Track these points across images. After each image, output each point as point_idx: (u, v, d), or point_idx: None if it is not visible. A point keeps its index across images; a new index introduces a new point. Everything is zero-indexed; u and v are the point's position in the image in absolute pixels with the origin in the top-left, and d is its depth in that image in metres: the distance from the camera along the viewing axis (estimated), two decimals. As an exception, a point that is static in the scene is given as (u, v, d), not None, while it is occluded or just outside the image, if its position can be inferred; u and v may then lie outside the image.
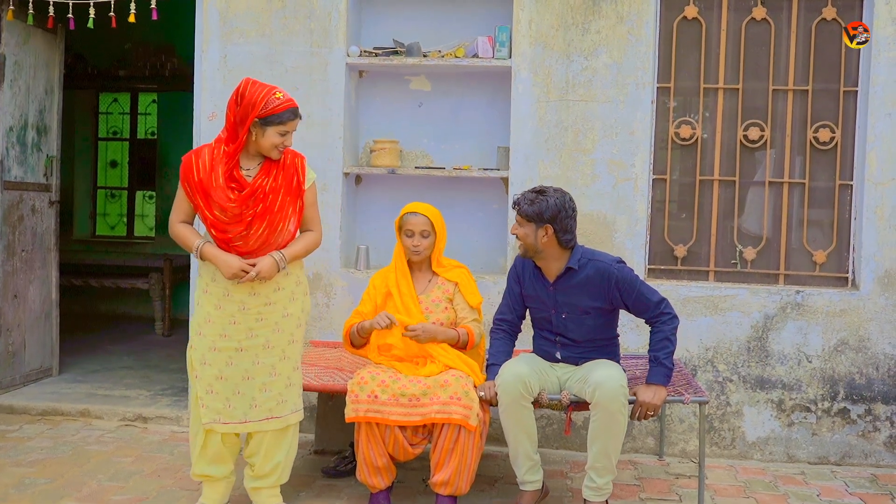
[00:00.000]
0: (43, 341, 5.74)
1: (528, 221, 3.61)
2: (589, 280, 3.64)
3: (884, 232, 4.52)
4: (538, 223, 3.58)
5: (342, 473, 4.17)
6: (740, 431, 4.62)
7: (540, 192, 3.64)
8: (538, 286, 3.76)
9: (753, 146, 4.72)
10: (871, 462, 4.54)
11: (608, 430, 3.47)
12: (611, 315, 3.77)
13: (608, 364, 3.64)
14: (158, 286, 7.51)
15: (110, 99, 9.29)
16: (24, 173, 5.48)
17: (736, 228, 4.75)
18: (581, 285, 3.65)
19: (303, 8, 4.81)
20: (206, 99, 4.92)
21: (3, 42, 5.19)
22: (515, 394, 3.52)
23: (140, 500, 3.84)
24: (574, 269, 3.65)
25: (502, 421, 3.61)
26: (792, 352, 4.57)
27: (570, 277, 3.67)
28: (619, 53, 4.62)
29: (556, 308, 3.73)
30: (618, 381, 3.48)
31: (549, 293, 3.73)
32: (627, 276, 3.64)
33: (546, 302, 3.75)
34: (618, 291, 3.63)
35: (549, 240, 3.60)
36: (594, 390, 3.47)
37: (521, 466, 3.65)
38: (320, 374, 3.96)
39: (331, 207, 4.82)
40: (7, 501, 3.77)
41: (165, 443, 4.68)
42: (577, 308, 3.68)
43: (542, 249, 3.63)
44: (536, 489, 3.69)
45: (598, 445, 3.49)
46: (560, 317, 3.73)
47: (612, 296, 3.65)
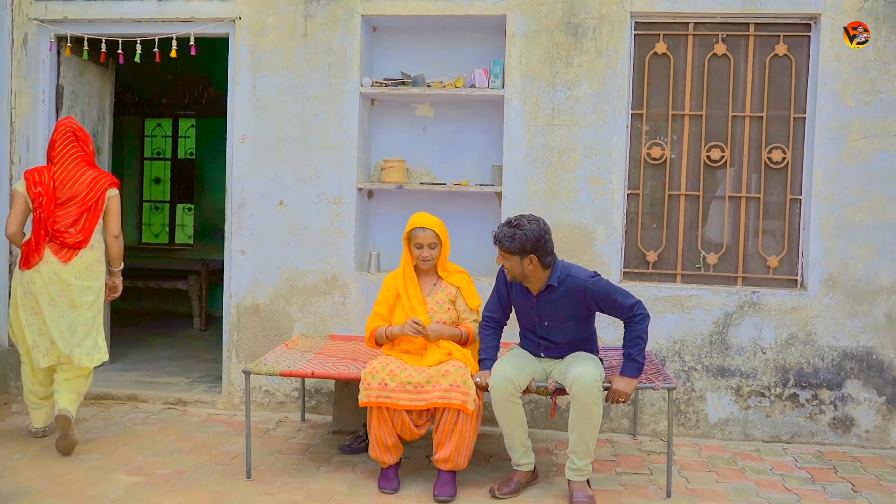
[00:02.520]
0: (95, 335, 5.69)
1: (512, 255, 3.52)
2: (568, 294, 3.58)
3: (828, 240, 4.50)
4: (522, 255, 3.50)
5: (357, 451, 4.15)
6: (703, 414, 4.60)
7: (516, 226, 3.51)
8: (523, 298, 3.71)
9: (715, 165, 4.70)
10: (817, 441, 4.52)
11: (585, 419, 3.45)
12: (588, 319, 3.73)
13: (586, 359, 3.60)
14: (196, 287, 7.49)
15: (154, 124, 9.27)
16: (80, 188, 5.45)
17: (700, 237, 4.73)
18: (561, 298, 3.60)
19: (322, 45, 4.80)
20: (238, 124, 4.90)
21: (62, 74, 5.18)
22: (505, 392, 3.51)
23: (180, 473, 3.82)
24: (554, 286, 3.59)
25: (496, 416, 3.60)
26: (748, 344, 4.54)
27: (550, 292, 3.61)
28: (598, 84, 4.60)
29: (539, 317, 3.69)
30: (593, 376, 3.45)
31: (532, 304, 3.68)
32: (601, 289, 3.56)
33: (530, 312, 3.72)
34: (594, 302, 3.59)
35: (534, 266, 3.53)
36: (572, 384, 3.45)
37: (516, 452, 3.66)
38: (337, 364, 3.94)
39: (346, 218, 4.80)
40: (65, 475, 3.76)
41: (202, 424, 4.66)
42: (558, 317, 3.65)
43: (529, 275, 3.57)
44: (529, 470, 3.70)
45: (577, 433, 3.47)
46: (543, 324, 3.70)
47: (589, 305, 3.61)
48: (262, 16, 4.84)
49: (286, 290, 4.87)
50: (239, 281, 4.92)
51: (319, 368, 3.81)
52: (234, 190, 4.93)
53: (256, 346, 4.88)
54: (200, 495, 3.55)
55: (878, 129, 4.45)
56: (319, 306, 4.84)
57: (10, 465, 3.86)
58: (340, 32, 4.78)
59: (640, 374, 3.58)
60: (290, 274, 4.87)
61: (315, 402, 4.85)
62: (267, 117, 4.87)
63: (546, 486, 3.76)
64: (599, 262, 4.60)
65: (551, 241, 3.57)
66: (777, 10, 4.50)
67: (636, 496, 3.65)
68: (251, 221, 4.90)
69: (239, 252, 4.92)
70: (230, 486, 3.66)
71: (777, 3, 4.49)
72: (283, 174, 4.86)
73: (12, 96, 5.08)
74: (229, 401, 4.94)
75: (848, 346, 4.49)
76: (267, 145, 4.87)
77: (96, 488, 3.60)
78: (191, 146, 9.20)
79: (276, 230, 4.88)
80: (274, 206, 4.88)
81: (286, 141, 4.86)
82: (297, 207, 4.86)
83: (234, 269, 4.93)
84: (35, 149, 5.07)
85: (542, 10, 4.62)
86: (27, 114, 5.08)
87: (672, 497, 3.62)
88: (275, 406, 4.89)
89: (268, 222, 4.88)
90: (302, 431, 4.54)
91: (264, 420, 4.71)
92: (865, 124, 4.45)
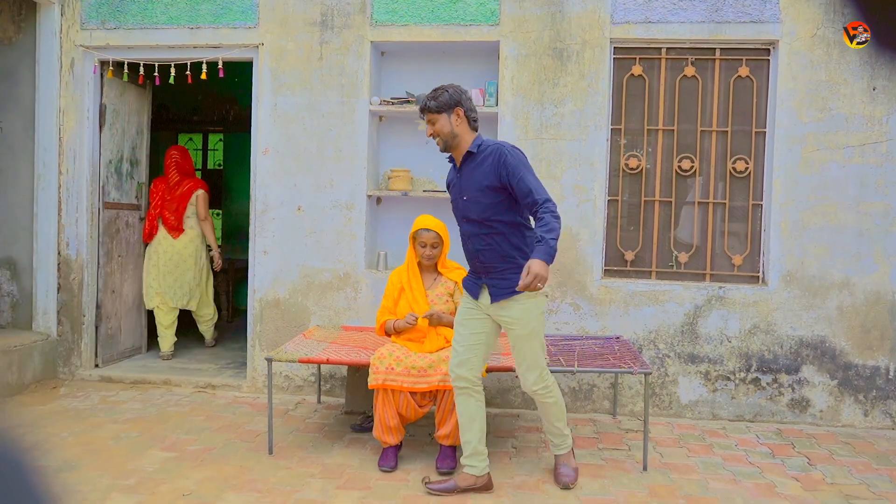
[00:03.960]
0: (134, 326, 5.75)
1: (439, 114, 3.20)
2: (485, 160, 3.18)
3: (786, 241, 4.53)
4: (448, 111, 3.19)
5: (367, 429, 4.18)
6: (676, 396, 4.63)
7: (436, 89, 3.25)
8: (454, 176, 3.36)
9: (685, 174, 4.73)
10: (776, 420, 4.55)
11: (543, 412, 3.42)
12: (500, 197, 3.17)
13: (526, 354, 3.27)
14: (224, 283, 7.51)
15: (187, 138, 9.29)
16: (120, 196, 5.50)
17: (672, 238, 4.76)
18: (479, 166, 3.20)
19: (336, 68, 4.83)
20: (261, 138, 4.94)
21: (105, 94, 5.22)
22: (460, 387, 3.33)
23: (209, 450, 3.85)
24: (473, 153, 3.22)
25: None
26: (716, 334, 4.57)
27: (471, 161, 3.23)
28: (582, 102, 4.63)
29: (461, 192, 3.27)
30: (530, 381, 3.28)
31: (458, 180, 3.30)
32: (515, 160, 3.12)
33: (457, 196, 3.31)
34: (505, 171, 3.10)
35: (462, 121, 3.20)
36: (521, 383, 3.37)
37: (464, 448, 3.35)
38: (349, 352, 3.97)
39: (357, 222, 4.84)
40: (107, 450, 3.79)
41: (229, 405, 4.69)
42: (473, 188, 3.20)
43: (458, 134, 3.21)
44: (474, 475, 3.30)
45: (544, 421, 3.46)
46: (463, 199, 3.26)
47: (500, 174, 3.12)
48: (282, 42, 4.88)
49: (304, 286, 4.91)
50: (262, 278, 4.96)
51: (334, 356, 3.84)
52: (257, 197, 4.97)
53: (277, 336, 4.92)
54: (227, 469, 3.58)
55: (829, 142, 4.48)
56: (333, 300, 4.88)
57: (59, 443, 3.89)
58: (352, 56, 4.82)
59: (552, 261, 2.91)
60: (307, 272, 4.91)
61: (329, 386, 4.88)
62: (287, 132, 4.91)
63: (535, 459, 3.79)
64: (583, 260, 4.63)
65: (472, 100, 3.29)
66: (740, 37, 4.53)
67: (616, 469, 3.67)
68: (273, 225, 4.94)
69: (262, 252, 4.96)
70: (254, 461, 3.69)
71: (740, 31, 4.52)
72: (301, 183, 4.90)
73: (61, 114, 5.12)
74: (253, 385, 4.98)
75: (804, 335, 4.52)
76: (287, 157, 4.91)
77: (135, 462, 3.63)
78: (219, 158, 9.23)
79: (294, 233, 4.92)
80: (293, 212, 4.92)
81: (304, 153, 4.90)
82: (314, 212, 4.89)
83: (258, 268, 4.97)
84: (80, 161, 5.12)
85: (531, 37, 4.66)
86: (74, 129, 5.12)
87: (648, 470, 3.64)
88: (294, 389, 4.93)
89: (287, 226, 4.92)
90: (318, 412, 4.57)
91: (284, 402, 4.75)
92: (819, 138, 4.48)
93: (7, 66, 5.21)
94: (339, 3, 4.82)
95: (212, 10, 4.94)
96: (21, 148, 5.19)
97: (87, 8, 5.07)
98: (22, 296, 5.23)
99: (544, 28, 4.64)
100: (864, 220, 4.47)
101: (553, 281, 4.63)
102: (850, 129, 4.45)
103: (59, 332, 5.18)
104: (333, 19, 4.82)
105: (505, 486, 3.42)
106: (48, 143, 5.11)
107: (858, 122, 4.44)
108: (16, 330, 5.19)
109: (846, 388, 4.50)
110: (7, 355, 4.73)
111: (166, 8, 4.98)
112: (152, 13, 4.99)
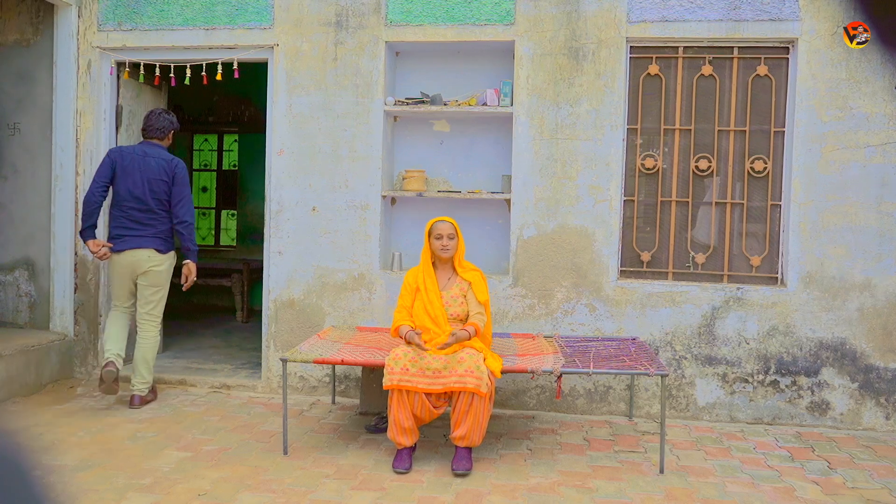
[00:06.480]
0: (150, 326, 5.76)
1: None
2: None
3: (806, 242, 4.48)
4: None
5: (381, 430, 4.17)
6: (693, 398, 4.59)
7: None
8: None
9: (703, 174, 4.69)
10: (795, 422, 4.50)
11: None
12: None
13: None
14: (239, 284, 7.55)
15: (202, 139, 9.35)
16: (136, 196, 5.52)
17: (689, 239, 4.72)
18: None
19: (350, 68, 4.84)
20: (276, 139, 4.95)
21: (121, 95, 5.26)
22: None
23: (224, 449, 3.86)
24: None
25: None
26: (734, 336, 4.53)
27: None
28: (597, 102, 4.61)
29: None
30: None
31: None
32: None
33: None
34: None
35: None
36: None
37: None
38: (364, 353, 3.97)
39: (372, 222, 4.84)
40: (124, 450, 3.81)
41: (244, 405, 4.70)
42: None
43: None
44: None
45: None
46: None
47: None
48: (297, 43, 4.89)
49: (318, 286, 4.91)
50: (277, 278, 4.97)
51: (348, 356, 3.84)
52: (272, 197, 4.98)
53: (292, 337, 4.93)
54: (242, 469, 3.59)
55: (850, 141, 4.42)
56: (348, 301, 4.88)
57: (77, 442, 3.91)
58: (367, 57, 4.81)
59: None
60: (321, 272, 4.91)
61: (344, 387, 4.88)
62: (301, 133, 4.91)
63: (550, 461, 3.76)
64: (599, 261, 4.61)
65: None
66: (758, 35, 4.49)
67: (633, 472, 3.65)
68: (287, 225, 4.95)
69: (277, 253, 4.97)
70: (269, 461, 3.69)
71: (758, 29, 4.48)
72: (316, 183, 4.91)
73: (78, 115, 5.16)
74: (268, 385, 4.99)
75: (824, 337, 4.47)
76: (301, 157, 4.92)
77: (151, 462, 3.64)
78: (234, 159, 9.27)
79: (309, 233, 4.92)
80: (308, 212, 4.92)
81: (318, 154, 4.90)
82: (328, 213, 4.90)
83: (273, 268, 4.98)
84: (97, 161, 5.14)
85: (546, 36, 4.64)
86: (90, 130, 5.16)
87: (665, 473, 3.62)
88: (308, 390, 4.94)
89: (302, 226, 4.93)
90: (332, 413, 4.57)
91: (299, 402, 4.75)
92: (839, 137, 4.43)
93: (25, 67, 5.25)
94: (354, 4, 4.82)
95: (227, 12, 4.95)
96: (38, 149, 5.24)
97: (104, 10, 5.10)
98: (40, 296, 5.27)
99: (560, 27, 4.62)
100: (885, 221, 4.41)
101: (568, 282, 4.61)
102: (872, 129, 4.39)
103: (75, 331, 5.21)
104: (348, 20, 4.82)
105: (520, 487, 3.40)
106: (65, 144, 5.15)
107: (880, 120, 4.38)
108: (33, 330, 5.23)
109: (867, 391, 4.44)
110: (25, 355, 4.77)
111: (182, 9, 5.00)
112: (168, 14, 5.02)
